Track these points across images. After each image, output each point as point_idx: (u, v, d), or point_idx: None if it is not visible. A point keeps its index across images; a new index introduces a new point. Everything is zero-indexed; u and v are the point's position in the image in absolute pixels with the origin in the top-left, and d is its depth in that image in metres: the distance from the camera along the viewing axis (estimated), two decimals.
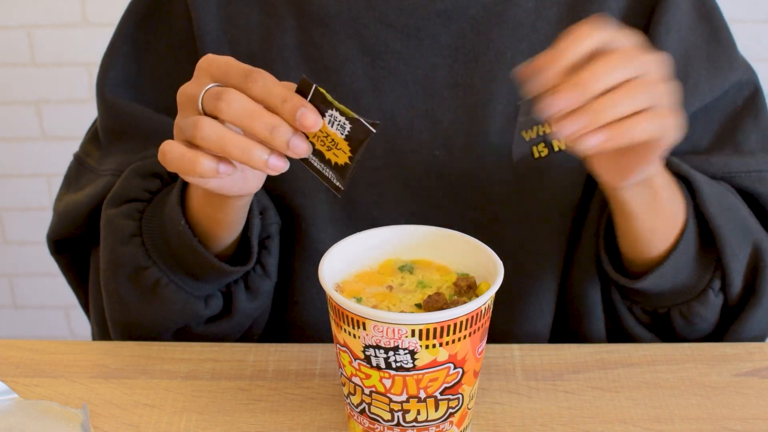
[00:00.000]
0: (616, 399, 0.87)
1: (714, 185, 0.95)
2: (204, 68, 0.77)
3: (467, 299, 0.77)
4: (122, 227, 0.94)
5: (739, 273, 0.93)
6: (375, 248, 0.83)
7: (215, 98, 0.74)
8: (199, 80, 0.77)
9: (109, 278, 0.95)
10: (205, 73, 0.77)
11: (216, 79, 0.76)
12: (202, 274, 0.92)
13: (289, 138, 0.73)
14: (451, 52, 0.98)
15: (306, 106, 0.72)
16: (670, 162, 0.95)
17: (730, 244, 0.92)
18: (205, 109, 0.76)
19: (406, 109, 0.98)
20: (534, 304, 1.02)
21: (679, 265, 0.92)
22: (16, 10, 2.08)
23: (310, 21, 0.98)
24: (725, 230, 0.92)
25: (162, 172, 0.96)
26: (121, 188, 0.96)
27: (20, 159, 2.23)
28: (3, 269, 2.35)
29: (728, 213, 0.93)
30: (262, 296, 0.97)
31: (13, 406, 0.85)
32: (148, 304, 0.94)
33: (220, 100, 0.74)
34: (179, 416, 0.85)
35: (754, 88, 1.02)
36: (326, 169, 0.75)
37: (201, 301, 0.94)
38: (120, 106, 1.02)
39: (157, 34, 1.03)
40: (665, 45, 0.97)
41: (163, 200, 0.94)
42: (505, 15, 0.97)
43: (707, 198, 0.93)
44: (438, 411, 0.76)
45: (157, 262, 0.92)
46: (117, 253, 0.94)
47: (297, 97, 0.73)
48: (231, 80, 0.75)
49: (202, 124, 0.74)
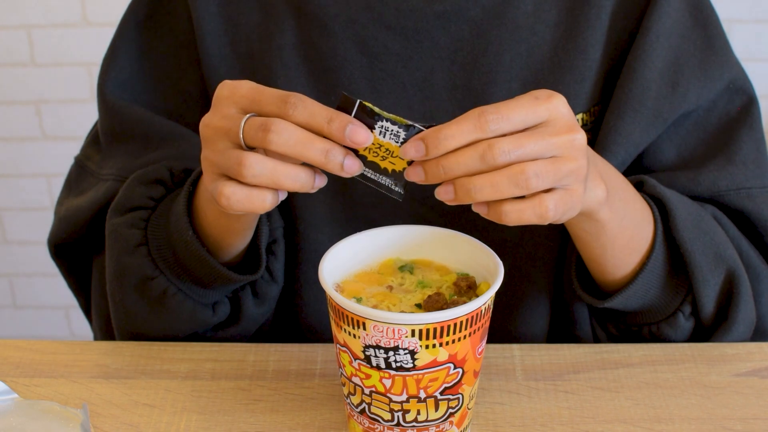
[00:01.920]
0: (616, 399, 0.87)
1: (692, 207, 0.94)
2: (226, 97, 0.75)
3: (467, 299, 0.78)
4: (127, 237, 0.93)
5: (710, 299, 0.92)
6: (375, 248, 0.83)
7: (262, 130, 0.72)
8: (224, 111, 0.75)
9: (115, 289, 0.94)
10: (230, 103, 0.75)
11: (245, 108, 0.74)
12: (209, 283, 0.92)
13: (343, 160, 0.72)
14: (449, 54, 0.97)
15: (353, 123, 0.71)
16: (647, 183, 0.94)
17: (701, 269, 0.91)
18: (248, 142, 0.73)
19: (404, 111, 0.98)
20: (531, 306, 1.02)
21: (647, 287, 0.91)
22: (16, 10, 2.08)
23: (308, 21, 0.98)
24: (697, 255, 0.91)
25: (165, 178, 0.95)
26: (124, 197, 0.95)
27: (20, 159, 2.23)
28: (3, 269, 2.35)
29: (703, 238, 0.92)
30: (270, 301, 0.97)
31: (13, 406, 0.85)
32: (155, 314, 0.93)
33: (268, 131, 0.71)
34: (179, 416, 0.85)
35: (748, 98, 1.01)
36: (383, 177, 0.74)
37: (209, 309, 0.94)
38: (120, 107, 1.02)
39: (158, 36, 1.03)
40: (655, 52, 0.96)
41: (168, 208, 0.93)
42: (503, 17, 0.97)
43: (680, 222, 0.91)
44: (438, 411, 0.76)
45: (164, 271, 0.92)
46: (123, 264, 0.93)
47: (342, 115, 0.72)
48: (266, 108, 0.73)
49: (250, 162, 0.72)
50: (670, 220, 0.91)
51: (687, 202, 0.94)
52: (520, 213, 0.72)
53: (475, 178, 0.71)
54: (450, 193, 0.72)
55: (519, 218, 0.72)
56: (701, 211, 0.95)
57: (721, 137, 1.00)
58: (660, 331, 0.94)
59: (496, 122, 0.70)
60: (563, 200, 0.73)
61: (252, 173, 0.73)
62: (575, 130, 0.73)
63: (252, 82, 0.75)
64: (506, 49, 0.97)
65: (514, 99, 0.72)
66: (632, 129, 0.96)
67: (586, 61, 0.97)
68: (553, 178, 0.72)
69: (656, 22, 0.97)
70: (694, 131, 1.00)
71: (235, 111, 0.75)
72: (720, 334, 0.94)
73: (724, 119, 1.01)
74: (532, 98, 0.72)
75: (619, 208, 0.85)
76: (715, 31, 1.01)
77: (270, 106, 0.73)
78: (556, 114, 0.73)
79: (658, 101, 0.97)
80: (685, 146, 1.00)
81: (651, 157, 1.00)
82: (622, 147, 0.96)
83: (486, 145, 0.70)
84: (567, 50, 0.97)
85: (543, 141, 0.71)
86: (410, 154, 0.72)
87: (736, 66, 1.02)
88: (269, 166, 0.73)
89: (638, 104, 0.96)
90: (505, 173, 0.71)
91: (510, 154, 0.70)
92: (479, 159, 0.70)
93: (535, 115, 0.72)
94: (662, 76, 0.97)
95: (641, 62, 0.96)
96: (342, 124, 0.71)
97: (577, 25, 0.97)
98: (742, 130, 1.00)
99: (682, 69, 0.98)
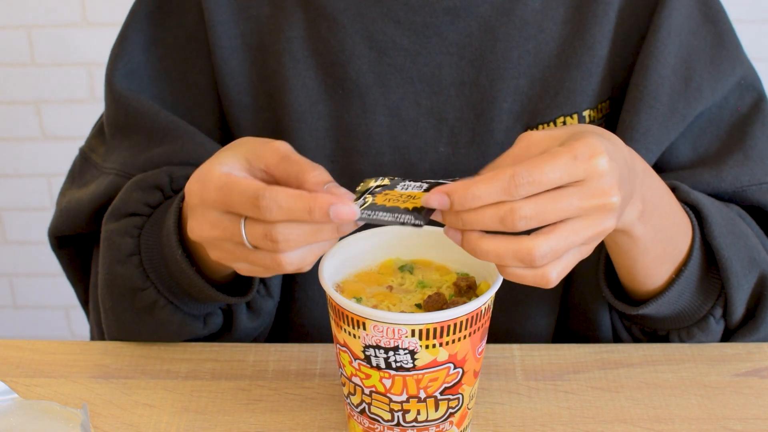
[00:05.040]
0: (616, 399, 0.87)
1: (724, 211, 0.93)
2: (198, 204, 0.73)
3: (467, 299, 0.77)
4: (120, 245, 0.92)
5: (742, 302, 0.92)
6: (375, 248, 0.83)
7: (269, 241, 0.70)
8: (208, 218, 0.73)
9: (105, 296, 0.94)
10: (203, 208, 0.73)
11: (222, 210, 0.73)
12: (200, 298, 0.91)
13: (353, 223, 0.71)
14: (458, 49, 0.98)
15: (333, 203, 0.69)
16: (679, 189, 0.93)
17: (736, 275, 0.90)
18: (257, 247, 0.72)
19: (411, 106, 0.98)
20: (537, 304, 1.02)
21: (680, 294, 0.91)
22: (16, 10, 2.08)
23: (317, 15, 0.98)
24: (733, 261, 0.90)
25: (163, 184, 0.94)
26: (122, 201, 0.94)
27: (20, 159, 2.23)
28: (3, 269, 2.35)
29: (737, 243, 0.91)
30: (265, 316, 0.96)
31: (13, 406, 0.85)
32: (144, 324, 0.93)
33: (276, 242, 0.70)
34: (179, 416, 0.85)
35: (758, 94, 1.02)
36: (400, 216, 0.72)
37: (200, 321, 0.93)
38: (127, 98, 1.01)
39: (167, 27, 1.03)
40: (667, 48, 0.97)
41: (162, 218, 0.92)
42: (512, 14, 0.97)
43: (716, 228, 0.90)
44: (438, 411, 0.76)
45: (155, 282, 0.91)
46: (114, 272, 0.92)
47: (318, 198, 0.69)
48: (241, 211, 0.71)
49: (290, 260, 0.72)
50: (705, 227, 0.90)
51: (719, 206, 0.94)
52: (521, 279, 0.71)
53: (483, 241, 0.70)
54: (457, 240, 0.71)
55: (518, 281, 0.71)
56: (732, 214, 0.94)
57: (734, 133, 1.00)
58: (690, 335, 0.93)
59: (526, 187, 0.68)
60: (570, 265, 0.72)
61: (296, 267, 0.73)
62: (610, 193, 0.70)
63: (216, 179, 0.72)
64: (514, 45, 0.97)
65: (552, 156, 0.68)
66: (649, 125, 0.96)
67: (594, 58, 0.97)
68: (566, 250, 0.70)
69: (667, 18, 0.97)
70: (708, 128, 1.00)
71: (217, 215, 0.73)
72: (746, 333, 0.93)
73: (736, 115, 1.01)
74: (571, 157, 0.68)
75: (656, 224, 0.83)
76: (725, 27, 1.01)
77: (244, 210, 0.71)
78: (594, 176, 0.69)
79: (673, 97, 0.97)
80: (700, 143, 1.00)
81: (666, 156, 1.00)
82: (641, 144, 0.96)
83: (508, 210, 0.68)
84: (574, 47, 0.98)
85: (570, 207, 0.69)
86: (433, 204, 0.70)
87: (746, 62, 1.02)
88: (305, 251, 0.72)
89: (653, 100, 0.96)
90: (512, 248, 0.69)
91: (531, 220, 0.68)
92: (499, 221, 0.68)
93: (570, 178, 0.69)
94: (675, 72, 0.97)
95: (654, 59, 0.96)
96: (323, 211, 0.69)
97: (584, 22, 0.98)
98: (756, 125, 1.00)
99: (694, 65, 0.98)
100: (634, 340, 0.98)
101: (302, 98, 0.98)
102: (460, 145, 0.99)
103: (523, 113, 0.98)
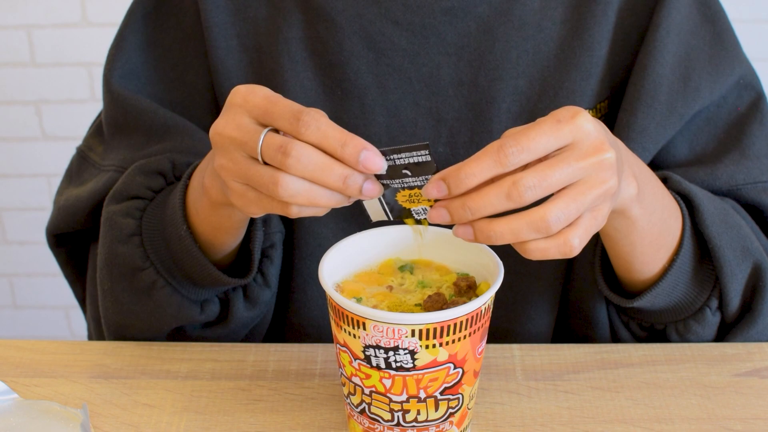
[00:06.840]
0: (616, 399, 0.87)
1: (717, 202, 0.94)
2: (239, 105, 0.73)
3: (467, 299, 0.78)
4: (122, 226, 0.93)
5: (737, 293, 0.92)
6: (375, 248, 0.83)
7: (281, 153, 0.70)
8: (237, 120, 0.73)
9: (104, 276, 0.95)
10: (242, 111, 0.73)
11: (257, 118, 0.72)
12: (200, 280, 0.92)
13: (362, 184, 0.71)
14: (456, 50, 0.98)
15: (368, 149, 0.69)
16: (671, 179, 0.93)
17: (729, 263, 0.90)
18: (266, 160, 0.72)
19: (410, 106, 0.98)
20: (536, 303, 1.02)
21: (675, 284, 0.91)
22: (16, 10, 2.08)
23: (315, 15, 0.98)
24: (725, 250, 0.90)
25: (166, 170, 0.95)
26: (124, 185, 0.95)
27: (20, 159, 2.23)
28: (3, 269, 2.35)
29: (730, 232, 0.92)
30: (261, 305, 0.97)
31: (13, 406, 0.85)
32: (142, 305, 0.93)
33: (287, 156, 0.70)
34: (179, 416, 0.85)
35: (756, 94, 1.02)
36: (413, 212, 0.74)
37: (197, 306, 0.93)
38: (125, 97, 1.02)
39: (164, 27, 1.03)
40: (665, 47, 0.97)
41: (165, 200, 0.93)
42: (510, 14, 0.97)
43: (708, 217, 0.90)
44: (438, 411, 0.76)
45: (155, 263, 0.92)
46: (114, 252, 0.93)
47: (356, 139, 0.70)
48: (278, 122, 0.71)
49: (286, 183, 0.71)
50: (697, 215, 0.91)
51: (711, 197, 0.94)
52: (545, 252, 0.71)
53: (495, 223, 0.69)
54: (469, 234, 0.71)
55: (544, 256, 0.71)
56: (725, 205, 0.95)
57: (732, 132, 1.01)
58: (687, 328, 0.94)
59: (517, 155, 0.68)
60: (588, 230, 0.71)
61: (288, 194, 0.71)
62: (603, 149, 0.70)
63: (266, 90, 0.73)
64: (513, 45, 0.97)
65: (536, 124, 0.70)
66: (646, 125, 0.96)
67: (593, 58, 0.98)
68: (578, 212, 0.70)
69: (666, 18, 0.97)
70: (706, 127, 1.01)
71: (248, 121, 0.73)
72: (744, 327, 0.93)
73: (734, 115, 1.01)
74: (554, 121, 0.69)
75: (649, 204, 0.84)
76: (724, 27, 1.01)
77: (282, 122, 0.71)
78: (581, 135, 0.70)
79: (671, 96, 0.97)
80: (697, 142, 1.00)
81: (663, 154, 1.00)
82: (637, 143, 0.96)
83: (510, 183, 0.68)
84: (573, 47, 0.98)
85: (569, 168, 0.69)
86: (432, 194, 0.70)
87: (745, 62, 1.02)
88: (305, 187, 0.71)
89: (651, 99, 0.96)
90: (525, 220, 0.69)
91: (536, 189, 0.68)
92: (505, 198, 0.68)
93: (558, 141, 0.69)
94: (673, 71, 0.97)
95: (652, 58, 0.96)
96: (356, 149, 0.69)
97: (583, 22, 0.98)
98: (753, 125, 1.00)
99: (692, 64, 0.99)
100: (633, 337, 0.98)
101: (300, 99, 0.98)
102: (459, 145, 0.99)
103: (522, 113, 0.98)
